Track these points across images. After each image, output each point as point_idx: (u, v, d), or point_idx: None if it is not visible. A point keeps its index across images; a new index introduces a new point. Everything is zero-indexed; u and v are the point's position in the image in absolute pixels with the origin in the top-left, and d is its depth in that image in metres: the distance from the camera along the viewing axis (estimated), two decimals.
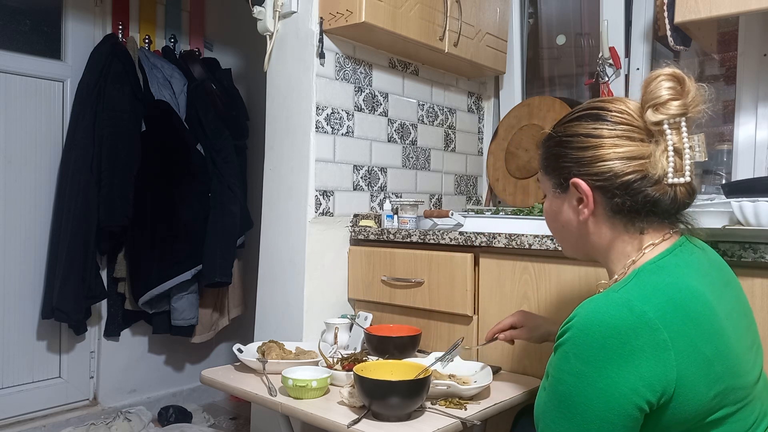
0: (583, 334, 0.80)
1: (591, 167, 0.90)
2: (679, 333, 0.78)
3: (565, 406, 0.82)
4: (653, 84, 0.88)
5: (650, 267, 0.86)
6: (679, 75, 0.87)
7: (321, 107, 1.87)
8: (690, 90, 0.87)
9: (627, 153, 0.88)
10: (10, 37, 2.32)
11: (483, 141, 2.57)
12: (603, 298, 0.82)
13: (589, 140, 0.90)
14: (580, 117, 0.94)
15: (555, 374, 0.84)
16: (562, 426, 0.82)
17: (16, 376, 2.35)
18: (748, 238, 1.17)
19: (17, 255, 2.34)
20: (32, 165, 2.37)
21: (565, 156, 0.94)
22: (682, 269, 0.86)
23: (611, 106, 0.92)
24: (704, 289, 0.84)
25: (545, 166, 1.00)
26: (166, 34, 2.71)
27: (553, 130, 0.98)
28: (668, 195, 0.88)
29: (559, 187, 0.96)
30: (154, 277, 2.38)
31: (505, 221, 1.80)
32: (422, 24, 1.94)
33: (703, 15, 1.53)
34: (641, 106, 0.90)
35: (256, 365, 1.48)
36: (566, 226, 0.98)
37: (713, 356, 0.80)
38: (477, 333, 1.66)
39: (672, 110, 0.86)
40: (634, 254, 0.91)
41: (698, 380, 0.78)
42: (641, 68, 2.17)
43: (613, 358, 0.77)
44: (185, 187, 2.44)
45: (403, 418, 1.19)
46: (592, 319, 0.80)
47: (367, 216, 2.01)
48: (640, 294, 0.81)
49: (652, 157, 0.87)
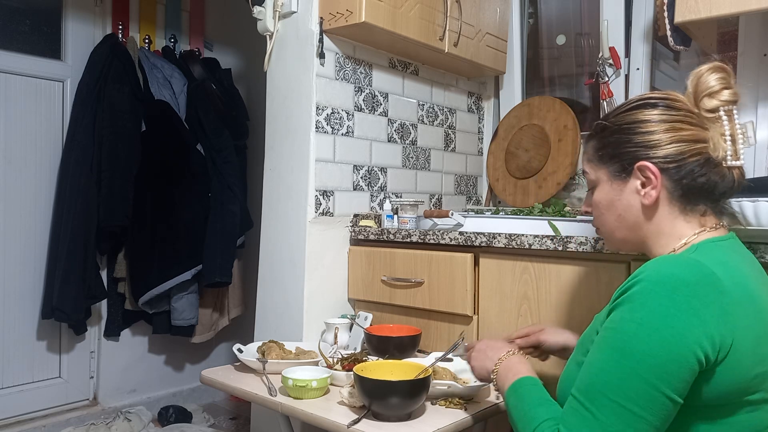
0: (651, 284, 0.82)
1: (658, 150, 0.93)
2: (740, 303, 0.82)
3: (620, 354, 0.82)
4: (704, 75, 0.94)
5: (711, 245, 0.91)
6: (725, 67, 0.94)
7: (321, 107, 1.87)
8: (734, 82, 0.94)
9: (690, 136, 0.92)
10: (10, 37, 2.32)
11: (483, 141, 2.57)
12: (672, 257, 0.86)
13: (652, 125, 0.94)
14: (638, 106, 0.97)
15: (612, 326, 0.85)
16: (614, 375, 0.82)
17: (16, 376, 2.35)
18: (748, 238, 1.17)
19: (17, 255, 2.34)
20: (32, 165, 2.37)
21: (628, 141, 0.96)
22: (738, 255, 0.91)
23: (666, 95, 0.96)
24: (755, 278, 0.89)
25: (600, 156, 1.00)
26: (166, 34, 2.71)
27: (607, 121, 1.00)
28: (727, 177, 0.93)
29: (622, 172, 0.97)
30: (154, 277, 2.38)
31: (505, 221, 1.80)
32: (422, 24, 1.94)
33: (703, 15, 1.53)
34: (694, 96, 0.95)
35: (256, 365, 1.48)
36: (624, 213, 0.98)
37: (762, 336, 0.83)
38: (477, 333, 1.66)
39: (725, 97, 0.92)
40: (689, 235, 0.94)
41: (747, 353, 0.81)
42: (641, 68, 2.17)
43: (681, 309, 0.79)
44: (185, 187, 2.44)
45: (403, 418, 1.19)
46: (663, 272, 0.82)
47: (367, 216, 2.01)
48: (709, 260, 0.84)
49: (711, 141, 0.92)
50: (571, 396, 0.87)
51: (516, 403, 0.98)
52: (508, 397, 1.01)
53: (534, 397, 0.96)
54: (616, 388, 0.81)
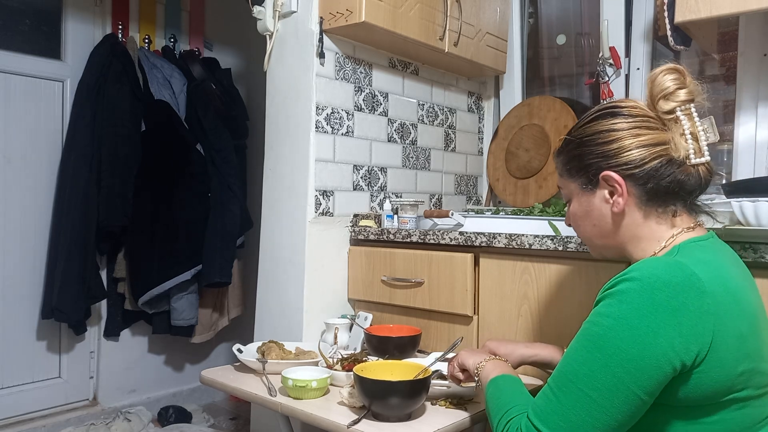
0: (635, 284, 0.83)
1: (619, 158, 0.94)
2: (722, 303, 0.83)
3: (594, 346, 0.84)
4: (658, 78, 0.95)
5: (692, 245, 0.92)
6: (679, 68, 0.95)
7: (321, 107, 1.87)
8: (690, 81, 0.95)
9: (649, 140, 0.93)
10: (10, 37, 2.32)
11: (483, 141, 2.57)
12: (657, 259, 0.88)
13: (611, 134, 0.96)
14: (596, 117, 0.99)
15: (592, 319, 0.87)
16: (585, 366, 0.84)
17: (16, 376, 2.35)
18: (748, 238, 1.17)
19: (17, 255, 2.34)
20: (32, 165, 2.37)
21: (589, 153, 0.98)
22: (720, 254, 0.92)
23: (622, 103, 0.98)
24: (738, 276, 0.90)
25: (568, 170, 1.03)
26: (166, 33, 2.71)
27: (569, 135, 1.02)
28: (693, 175, 0.94)
29: (588, 184, 1.00)
30: (154, 277, 2.38)
31: (505, 221, 1.80)
32: (422, 24, 1.93)
33: (703, 15, 1.53)
34: (650, 99, 0.96)
35: (256, 365, 1.48)
36: (599, 223, 1.01)
37: (748, 333, 0.84)
38: (477, 333, 1.66)
39: (681, 97, 0.93)
40: (666, 238, 0.95)
41: (729, 352, 0.82)
42: (641, 68, 2.17)
43: (659, 310, 0.81)
44: (185, 187, 2.44)
45: (403, 418, 1.19)
46: (647, 273, 0.84)
47: (367, 216, 2.01)
48: (691, 261, 0.86)
49: (672, 142, 0.93)
50: (546, 383, 0.91)
51: (494, 392, 1.03)
52: (488, 388, 1.06)
53: (515, 388, 1.01)
54: (585, 378, 0.84)
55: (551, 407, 0.86)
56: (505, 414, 0.94)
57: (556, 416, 0.85)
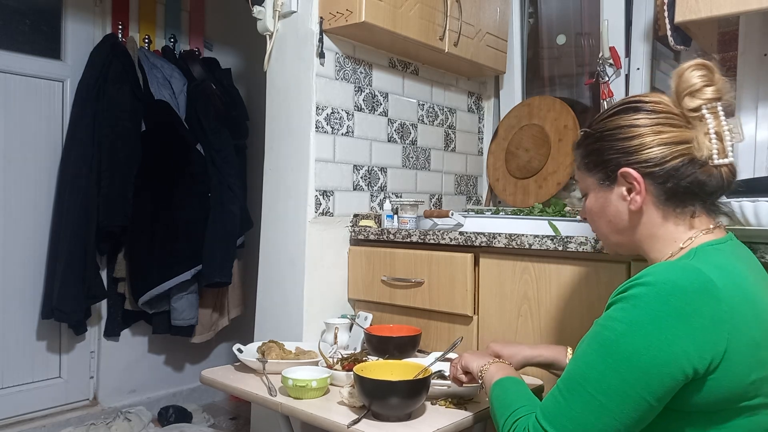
0: (649, 289, 0.82)
1: (639, 155, 0.92)
2: (737, 310, 0.81)
3: (605, 350, 0.83)
4: (685, 74, 0.92)
5: (709, 248, 0.89)
6: (708, 64, 0.92)
7: (321, 107, 1.87)
8: (719, 78, 0.92)
9: (671, 138, 0.91)
10: (10, 37, 2.32)
11: (483, 141, 2.57)
12: (671, 263, 0.86)
13: (633, 130, 0.93)
14: (618, 111, 0.97)
15: (604, 322, 0.86)
16: (595, 369, 0.83)
17: (16, 376, 2.35)
18: (748, 238, 1.17)
19: (17, 255, 2.34)
20: (32, 165, 2.37)
21: (610, 148, 0.96)
22: (737, 258, 0.90)
23: (647, 98, 0.96)
24: (755, 281, 0.88)
25: (587, 164, 1.01)
26: (166, 33, 2.71)
27: (590, 128, 1.00)
28: (714, 176, 0.91)
29: (606, 179, 0.98)
30: (154, 277, 2.38)
31: (505, 221, 1.80)
32: (422, 24, 1.93)
33: (704, 15, 1.53)
34: (676, 95, 0.93)
35: (256, 365, 1.48)
36: (614, 219, 0.99)
37: (762, 341, 0.83)
38: (477, 333, 1.66)
39: (708, 95, 0.90)
40: (683, 239, 0.93)
41: (743, 360, 0.81)
42: (642, 68, 2.17)
43: (673, 316, 0.79)
44: (185, 187, 2.44)
45: (403, 418, 1.19)
46: (662, 278, 0.82)
47: (367, 216, 2.01)
48: (706, 266, 0.83)
49: (695, 141, 0.90)
50: (555, 385, 0.90)
51: (500, 393, 1.02)
52: (493, 389, 1.05)
53: (521, 389, 1.00)
54: (595, 381, 0.83)
55: (560, 409, 0.86)
56: (512, 414, 0.93)
57: (565, 418, 0.84)
